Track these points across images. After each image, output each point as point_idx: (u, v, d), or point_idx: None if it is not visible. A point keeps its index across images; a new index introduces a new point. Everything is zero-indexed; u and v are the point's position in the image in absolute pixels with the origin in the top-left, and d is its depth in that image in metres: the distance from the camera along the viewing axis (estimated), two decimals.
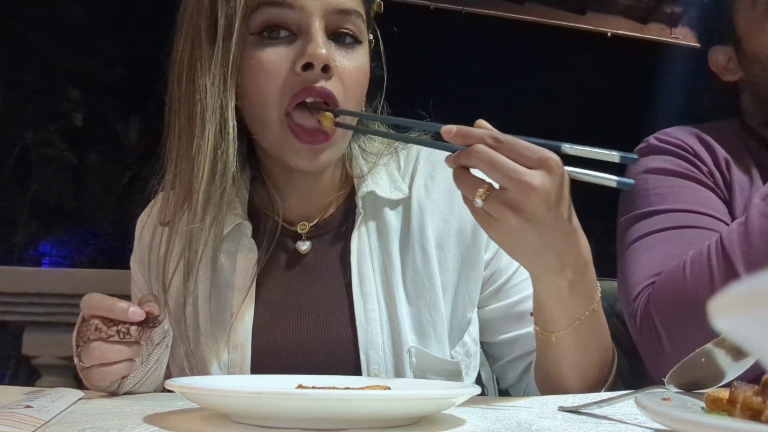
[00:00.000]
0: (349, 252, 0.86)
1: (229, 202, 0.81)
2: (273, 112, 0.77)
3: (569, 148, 0.64)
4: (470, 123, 0.65)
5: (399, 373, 0.82)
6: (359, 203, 0.87)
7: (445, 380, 0.82)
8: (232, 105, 0.77)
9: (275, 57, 0.76)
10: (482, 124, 0.65)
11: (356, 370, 0.81)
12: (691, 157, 1.00)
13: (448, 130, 0.64)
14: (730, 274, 0.81)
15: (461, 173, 0.65)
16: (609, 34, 3.81)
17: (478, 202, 0.63)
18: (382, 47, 0.89)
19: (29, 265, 4.06)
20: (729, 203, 0.97)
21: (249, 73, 0.77)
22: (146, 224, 0.92)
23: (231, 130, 0.77)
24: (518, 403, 0.71)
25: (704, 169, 0.99)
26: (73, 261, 4.33)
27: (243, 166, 0.86)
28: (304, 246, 0.88)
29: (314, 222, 0.89)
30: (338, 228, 0.89)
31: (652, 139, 1.06)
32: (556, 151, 0.64)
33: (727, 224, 0.90)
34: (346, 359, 0.82)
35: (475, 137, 0.63)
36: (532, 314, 0.77)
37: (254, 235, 0.86)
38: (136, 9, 4.24)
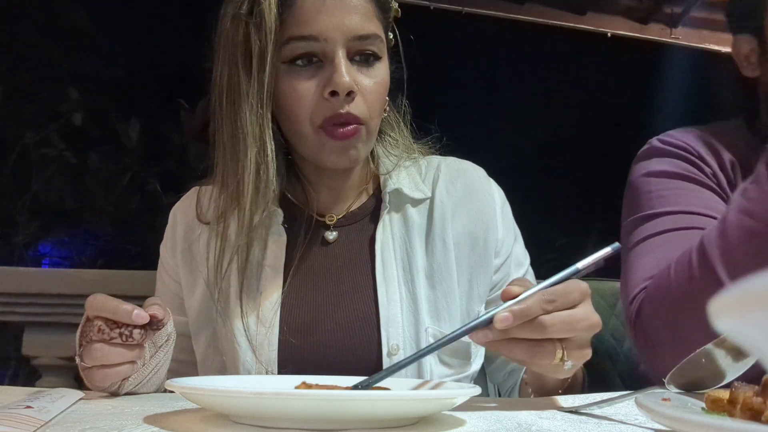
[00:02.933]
0: (373, 240, 0.92)
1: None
2: (307, 128, 0.86)
3: (583, 266, 0.65)
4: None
5: (416, 349, 0.87)
6: (386, 198, 0.94)
7: (456, 361, 0.90)
8: (269, 127, 0.85)
9: (306, 83, 0.84)
10: (514, 291, 0.63)
11: (377, 346, 0.87)
12: (695, 159, 0.99)
13: (505, 318, 0.61)
14: (708, 272, 0.80)
15: (533, 346, 0.63)
16: (609, 35, 3.80)
17: (569, 364, 0.64)
18: (401, 48, 0.95)
19: (29, 265, 4.05)
20: None
21: (283, 98, 0.86)
22: (179, 216, 0.99)
23: (270, 152, 0.85)
24: (518, 403, 0.71)
25: (708, 171, 0.98)
26: (74, 261, 4.32)
27: (279, 163, 0.91)
28: (331, 235, 0.95)
29: (342, 214, 0.96)
30: (364, 219, 0.96)
31: (655, 142, 1.05)
32: (575, 273, 0.65)
33: None
34: (368, 335, 0.88)
35: (533, 311, 0.62)
36: (526, 383, 0.85)
37: (284, 222, 0.93)
38: (136, 9, 4.24)
